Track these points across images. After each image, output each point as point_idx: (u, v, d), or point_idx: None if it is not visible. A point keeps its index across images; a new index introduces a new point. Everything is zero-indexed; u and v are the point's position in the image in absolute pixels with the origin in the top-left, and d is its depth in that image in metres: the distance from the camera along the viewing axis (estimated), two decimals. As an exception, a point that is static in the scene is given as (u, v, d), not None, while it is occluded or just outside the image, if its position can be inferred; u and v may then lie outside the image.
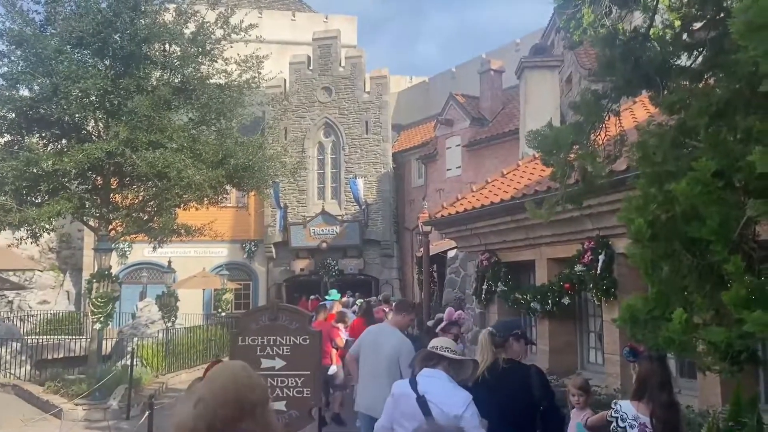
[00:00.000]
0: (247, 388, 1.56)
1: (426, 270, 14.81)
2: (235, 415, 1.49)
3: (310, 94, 25.59)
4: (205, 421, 1.47)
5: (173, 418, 1.54)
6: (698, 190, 3.57)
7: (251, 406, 1.53)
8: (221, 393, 1.51)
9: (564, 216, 7.96)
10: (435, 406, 3.26)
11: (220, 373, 1.60)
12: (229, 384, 1.55)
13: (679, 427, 3.85)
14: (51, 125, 12.88)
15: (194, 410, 1.49)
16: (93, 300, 10.84)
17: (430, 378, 3.43)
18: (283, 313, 3.61)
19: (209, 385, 1.56)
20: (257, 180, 13.71)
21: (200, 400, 1.51)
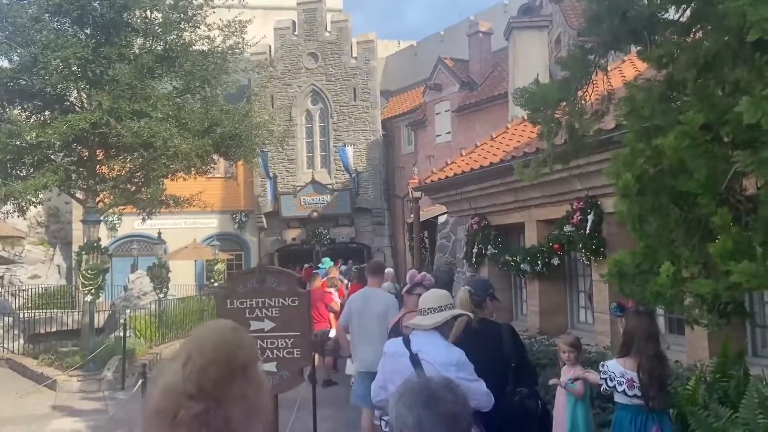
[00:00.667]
0: (237, 347, 1.49)
1: (417, 236, 14.81)
2: (225, 374, 1.44)
3: (296, 60, 25.24)
4: (195, 383, 1.41)
5: (161, 379, 1.47)
6: (686, 144, 3.55)
7: (242, 365, 1.47)
8: (210, 352, 1.45)
9: (553, 177, 7.94)
10: (428, 363, 3.30)
11: (209, 332, 1.54)
12: (218, 343, 1.48)
13: (666, 380, 3.90)
14: (33, 96, 12.65)
15: (183, 371, 1.43)
16: (83, 272, 10.78)
17: (423, 337, 3.46)
18: (271, 276, 3.59)
19: (198, 344, 1.49)
20: (245, 149, 13.58)
21: (189, 360, 1.44)
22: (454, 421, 1.68)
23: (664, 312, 7.35)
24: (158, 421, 1.41)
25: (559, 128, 4.33)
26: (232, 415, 1.42)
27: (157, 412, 1.41)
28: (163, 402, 1.42)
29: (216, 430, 1.41)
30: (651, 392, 3.72)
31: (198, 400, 1.40)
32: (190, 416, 1.39)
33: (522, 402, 3.78)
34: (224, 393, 1.43)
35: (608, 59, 4.32)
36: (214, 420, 1.40)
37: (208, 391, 1.41)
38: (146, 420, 1.45)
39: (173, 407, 1.39)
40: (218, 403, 1.41)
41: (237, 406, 1.43)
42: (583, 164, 7.22)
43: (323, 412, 7.30)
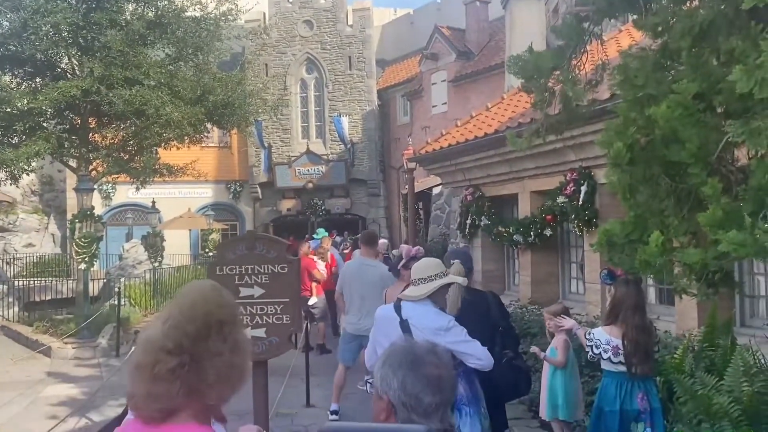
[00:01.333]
0: (215, 305, 1.54)
1: (411, 207, 14.82)
2: (201, 331, 1.48)
3: (290, 28, 24.91)
4: (172, 338, 1.47)
5: (143, 334, 1.55)
6: (678, 113, 3.53)
7: (219, 323, 1.51)
8: (189, 310, 1.51)
9: (547, 148, 7.91)
10: (417, 329, 3.37)
11: (190, 291, 1.60)
12: (197, 301, 1.54)
13: (651, 349, 3.96)
14: (23, 63, 12.47)
15: (163, 327, 1.49)
16: (76, 241, 10.78)
17: (414, 304, 3.52)
18: (260, 242, 3.59)
19: (178, 302, 1.56)
20: (238, 117, 13.46)
21: (169, 317, 1.51)
22: (438, 383, 1.70)
23: (654, 282, 7.42)
24: (138, 374, 1.47)
25: (552, 98, 4.29)
26: (206, 371, 1.47)
27: (137, 366, 1.48)
28: (143, 356, 1.48)
29: (189, 384, 1.45)
30: (635, 360, 3.80)
31: (174, 354, 1.45)
32: (166, 370, 1.43)
33: (510, 362, 3.92)
34: (199, 349, 1.47)
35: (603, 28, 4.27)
36: (188, 375, 1.45)
37: (185, 346, 1.46)
38: (129, 374, 1.52)
39: (152, 361, 1.45)
40: (193, 358, 1.46)
41: (211, 363, 1.47)
42: (578, 135, 7.20)
43: (316, 380, 7.39)
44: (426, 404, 1.68)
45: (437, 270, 3.60)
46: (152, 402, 1.46)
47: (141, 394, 1.47)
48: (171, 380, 1.44)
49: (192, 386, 1.46)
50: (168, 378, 1.44)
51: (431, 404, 1.68)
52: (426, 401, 1.68)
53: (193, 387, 1.46)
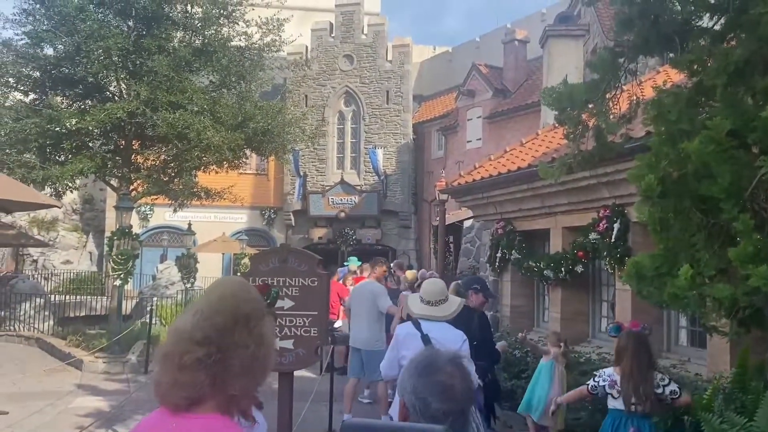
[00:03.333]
0: (242, 300, 1.61)
1: (441, 238, 14.83)
2: (228, 324, 1.54)
3: (331, 61, 25.47)
4: (201, 329, 1.52)
5: (173, 324, 1.61)
6: (711, 149, 3.55)
7: (245, 317, 1.58)
8: (216, 303, 1.58)
9: (580, 184, 7.94)
10: (437, 342, 3.85)
11: (219, 286, 1.68)
12: (225, 295, 1.61)
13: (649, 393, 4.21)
14: (74, 84, 13.02)
15: (192, 318, 1.56)
16: (113, 257, 11.06)
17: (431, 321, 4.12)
18: (292, 256, 3.69)
19: (207, 296, 1.63)
20: (276, 145, 13.77)
21: (198, 310, 1.57)
22: (448, 391, 1.75)
23: (686, 324, 7.29)
24: (166, 364, 1.53)
25: (586, 131, 4.35)
26: (231, 362, 1.52)
27: (166, 355, 1.54)
28: (172, 346, 1.53)
29: (215, 375, 1.50)
30: (633, 399, 4.16)
31: (202, 345, 1.50)
32: (194, 359, 1.49)
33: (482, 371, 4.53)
34: (226, 341, 1.53)
35: (638, 63, 4.33)
36: (215, 365, 1.50)
37: (212, 338, 1.51)
38: (156, 363, 1.58)
39: (180, 350, 1.50)
40: (219, 349, 1.51)
41: (237, 355, 1.53)
42: (611, 172, 7.19)
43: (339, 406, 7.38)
44: (433, 410, 1.73)
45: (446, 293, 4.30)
46: (178, 390, 1.50)
47: (168, 382, 1.52)
48: (197, 370, 1.49)
49: (217, 377, 1.51)
50: (195, 367, 1.49)
51: (439, 410, 1.73)
52: (433, 407, 1.73)
53: (218, 377, 1.51)
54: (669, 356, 7.15)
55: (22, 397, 8.66)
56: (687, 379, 6.09)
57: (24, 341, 13.29)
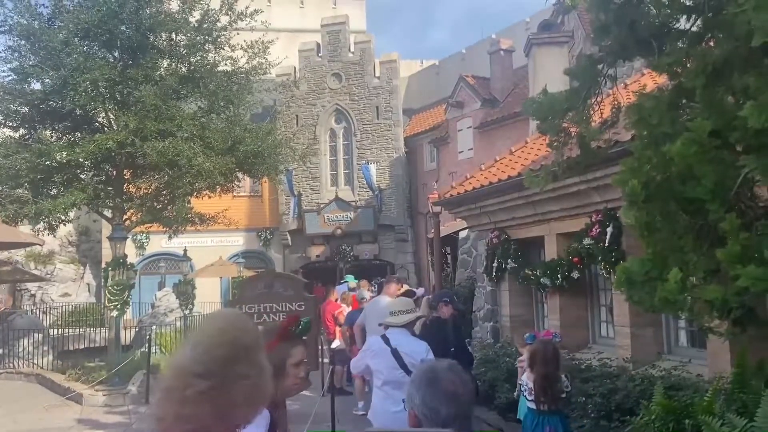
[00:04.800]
0: (241, 332, 1.63)
1: (437, 251, 14.79)
2: (229, 356, 1.56)
3: (320, 81, 25.58)
4: (202, 363, 1.53)
5: (173, 359, 1.61)
6: (694, 150, 3.55)
7: (245, 349, 1.59)
8: (217, 336, 1.59)
9: (571, 190, 7.94)
10: (405, 354, 4.50)
11: (216, 318, 1.72)
12: (224, 327, 1.62)
13: (555, 392, 4.93)
14: (63, 118, 13.03)
15: (192, 352, 1.56)
16: (109, 288, 11.01)
17: (398, 334, 4.67)
18: (278, 281, 3.67)
19: (206, 329, 1.64)
20: (268, 166, 13.77)
21: (198, 343, 1.58)
22: (453, 397, 1.95)
23: (685, 326, 7.26)
24: (168, 398, 1.53)
25: (569, 138, 4.35)
26: (234, 393, 1.54)
27: (168, 390, 1.54)
28: (173, 380, 1.54)
29: (219, 406, 1.52)
30: (541, 398, 4.90)
31: (204, 378, 1.51)
32: (196, 393, 1.49)
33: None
34: (228, 373, 1.54)
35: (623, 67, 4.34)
36: (218, 397, 1.52)
37: (214, 370, 1.52)
38: (158, 397, 1.58)
39: (182, 385, 1.51)
40: (222, 381, 1.53)
41: (239, 386, 1.55)
42: (600, 176, 7.19)
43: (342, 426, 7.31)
44: (444, 416, 1.94)
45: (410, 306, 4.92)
46: (182, 424, 1.51)
47: (171, 416, 1.52)
48: (201, 402, 1.50)
49: (221, 408, 1.53)
50: (198, 400, 1.50)
51: (449, 416, 1.94)
52: (443, 413, 1.94)
53: (221, 409, 1.53)
54: (669, 358, 7.12)
55: (22, 435, 8.58)
56: (688, 381, 6.05)
57: (23, 378, 13.18)
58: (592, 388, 6.46)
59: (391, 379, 4.50)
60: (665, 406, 4.44)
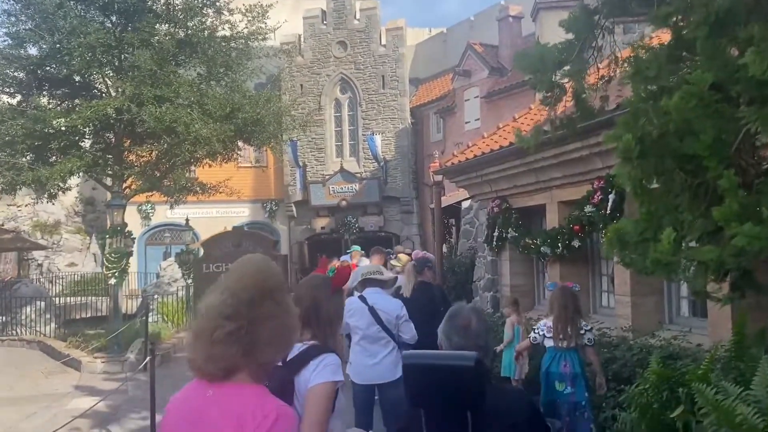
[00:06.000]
0: (265, 274, 1.74)
1: (438, 221, 14.60)
2: (255, 297, 1.67)
3: (324, 49, 25.18)
4: (230, 305, 1.65)
5: (203, 302, 1.71)
6: (693, 104, 3.33)
7: (270, 290, 1.70)
8: (242, 280, 1.71)
9: (572, 156, 7.72)
10: (381, 311, 4.91)
11: (242, 264, 1.79)
12: (249, 271, 1.74)
13: (574, 331, 5.36)
14: (60, 84, 12.86)
15: (221, 296, 1.67)
16: (107, 256, 10.95)
17: (374, 294, 5.04)
18: (246, 239, 3.49)
19: (233, 274, 1.75)
20: (268, 135, 13.56)
21: (226, 287, 1.69)
22: (464, 330, 2.39)
23: (687, 295, 7.08)
24: (199, 339, 1.66)
25: (563, 94, 4.13)
26: (261, 333, 1.65)
27: (199, 332, 1.66)
28: (204, 322, 1.66)
29: (246, 346, 1.63)
30: (559, 335, 5.30)
31: (232, 320, 1.63)
32: (225, 334, 1.61)
33: None
34: (255, 314, 1.66)
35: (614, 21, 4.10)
36: (246, 337, 1.63)
37: (242, 312, 1.64)
38: (189, 340, 1.71)
39: (212, 327, 1.63)
40: (250, 322, 1.64)
41: (265, 326, 1.66)
42: (602, 141, 6.96)
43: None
44: (454, 343, 2.38)
45: (381, 269, 5.55)
46: (212, 363, 1.63)
47: (202, 357, 1.64)
48: (230, 343, 1.61)
49: (248, 347, 1.63)
50: (227, 341, 1.61)
51: (458, 344, 2.36)
52: (454, 341, 2.39)
53: (249, 348, 1.63)
54: (670, 327, 6.96)
55: (18, 400, 8.59)
56: (687, 350, 5.90)
57: (26, 345, 13.25)
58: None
59: (368, 334, 4.94)
60: (660, 375, 4.29)
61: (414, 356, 2.35)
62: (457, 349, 2.31)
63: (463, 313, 2.44)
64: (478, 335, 2.37)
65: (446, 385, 2.15)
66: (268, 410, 1.62)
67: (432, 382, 2.18)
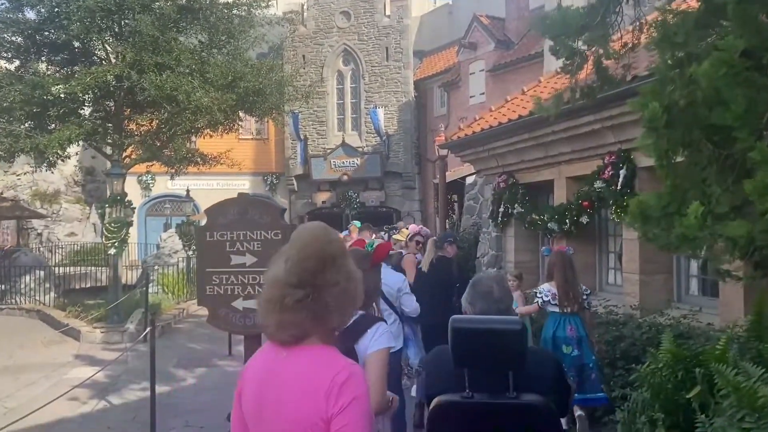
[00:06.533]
0: (325, 242, 1.80)
1: (442, 196, 14.43)
2: (318, 266, 1.73)
3: (327, 19, 24.75)
4: (295, 274, 1.72)
5: (268, 273, 1.78)
6: (723, 72, 3.15)
7: (331, 257, 1.76)
8: (304, 249, 1.76)
9: (584, 129, 7.53)
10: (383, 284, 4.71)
11: (302, 234, 1.85)
12: (310, 241, 1.80)
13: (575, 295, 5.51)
14: (59, 49, 12.60)
15: (285, 266, 1.74)
16: (106, 225, 10.81)
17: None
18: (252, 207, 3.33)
19: (294, 244, 1.80)
20: (270, 105, 13.32)
21: (288, 258, 1.76)
22: (487, 295, 2.55)
23: (697, 273, 6.95)
24: (269, 307, 1.74)
25: (584, 62, 3.94)
26: (327, 298, 1.73)
27: (268, 301, 1.75)
28: (272, 291, 1.74)
29: (315, 311, 1.71)
30: (564, 302, 5.44)
31: (299, 287, 1.71)
32: (294, 301, 1.70)
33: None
34: (319, 281, 1.73)
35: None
36: (313, 304, 1.71)
37: (307, 280, 1.71)
38: (260, 308, 1.80)
39: (280, 295, 1.71)
40: (315, 289, 1.72)
41: (330, 292, 1.73)
42: (616, 114, 6.78)
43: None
44: (478, 308, 2.55)
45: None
46: (284, 329, 1.72)
47: (273, 323, 1.73)
48: (298, 310, 1.70)
49: (317, 313, 1.71)
50: (295, 308, 1.70)
51: (482, 309, 2.53)
52: (478, 306, 2.56)
53: (317, 314, 1.71)
54: (679, 306, 6.84)
55: (17, 369, 8.53)
56: (698, 330, 5.78)
57: (25, 314, 13.20)
58: (597, 336, 6.20)
59: None
60: (675, 354, 4.16)
61: (463, 320, 2.46)
62: (480, 313, 2.51)
63: (485, 281, 2.62)
64: (500, 300, 2.56)
65: (493, 346, 2.33)
66: (340, 368, 1.72)
67: (480, 344, 2.34)
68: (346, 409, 1.66)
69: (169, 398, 7.39)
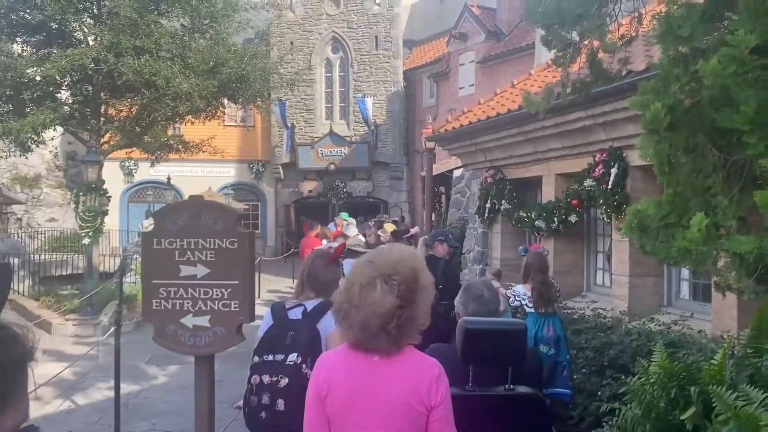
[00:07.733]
0: (415, 260, 2.00)
1: (429, 189, 14.15)
2: (411, 286, 1.91)
3: (316, 5, 24.27)
4: (400, 298, 1.87)
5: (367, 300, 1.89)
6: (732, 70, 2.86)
7: (419, 271, 1.95)
8: (402, 270, 1.90)
9: (575, 125, 7.26)
10: None
11: (391, 253, 1.98)
12: (403, 259, 1.95)
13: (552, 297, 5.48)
14: (35, 31, 12.13)
15: (384, 286, 1.88)
16: (80, 214, 10.43)
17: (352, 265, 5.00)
18: (206, 211, 3.00)
19: (387, 265, 1.92)
20: (253, 92, 12.93)
21: (385, 278, 1.89)
22: (478, 299, 2.82)
23: (688, 277, 6.72)
24: (367, 331, 1.87)
25: (577, 54, 3.65)
26: (416, 313, 1.92)
27: (364, 325, 1.87)
28: (371, 318, 1.86)
29: (414, 319, 1.91)
30: (540, 304, 5.38)
31: (406, 308, 1.88)
32: (395, 325, 1.86)
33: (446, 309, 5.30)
34: (411, 299, 1.90)
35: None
36: (408, 319, 1.89)
37: (405, 301, 1.88)
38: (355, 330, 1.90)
39: (381, 322, 1.85)
40: (415, 303, 1.91)
41: (417, 306, 1.92)
42: (609, 111, 6.53)
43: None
44: (470, 310, 2.79)
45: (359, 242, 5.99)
46: (382, 343, 1.88)
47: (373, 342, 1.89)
48: (406, 325, 1.89)
49: (416, 321, 1.92)
50: (405, 324, 1.88)
51: (474, 311, 2.78)
52: (470, 308, 2.80)
53: (416, 321, 1.92)
54: (670, 311, 6.62)
55: (-19, 364, 8.16)
56: (690, 337, 5.55)
57: (-4, 303, 12.76)
58: (585, 341, 5.96)
59: None
60: (667, 370, 3.90)
61: (473, 322, 2.62)
62: (472, 314, 2.76)
63: (476, 285, 2.94)
64: (490, 302, 2.84)
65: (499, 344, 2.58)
66: (431, 365, 1.95)
67: (487, 343, 2.56)
68: (444, 399, 1.93)
69: (138, 398, 7.08)
